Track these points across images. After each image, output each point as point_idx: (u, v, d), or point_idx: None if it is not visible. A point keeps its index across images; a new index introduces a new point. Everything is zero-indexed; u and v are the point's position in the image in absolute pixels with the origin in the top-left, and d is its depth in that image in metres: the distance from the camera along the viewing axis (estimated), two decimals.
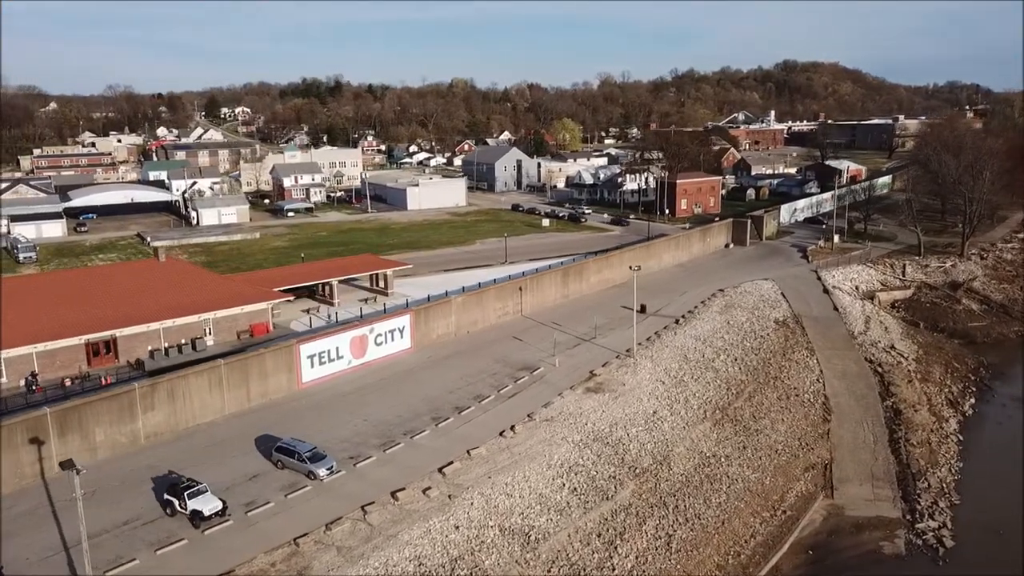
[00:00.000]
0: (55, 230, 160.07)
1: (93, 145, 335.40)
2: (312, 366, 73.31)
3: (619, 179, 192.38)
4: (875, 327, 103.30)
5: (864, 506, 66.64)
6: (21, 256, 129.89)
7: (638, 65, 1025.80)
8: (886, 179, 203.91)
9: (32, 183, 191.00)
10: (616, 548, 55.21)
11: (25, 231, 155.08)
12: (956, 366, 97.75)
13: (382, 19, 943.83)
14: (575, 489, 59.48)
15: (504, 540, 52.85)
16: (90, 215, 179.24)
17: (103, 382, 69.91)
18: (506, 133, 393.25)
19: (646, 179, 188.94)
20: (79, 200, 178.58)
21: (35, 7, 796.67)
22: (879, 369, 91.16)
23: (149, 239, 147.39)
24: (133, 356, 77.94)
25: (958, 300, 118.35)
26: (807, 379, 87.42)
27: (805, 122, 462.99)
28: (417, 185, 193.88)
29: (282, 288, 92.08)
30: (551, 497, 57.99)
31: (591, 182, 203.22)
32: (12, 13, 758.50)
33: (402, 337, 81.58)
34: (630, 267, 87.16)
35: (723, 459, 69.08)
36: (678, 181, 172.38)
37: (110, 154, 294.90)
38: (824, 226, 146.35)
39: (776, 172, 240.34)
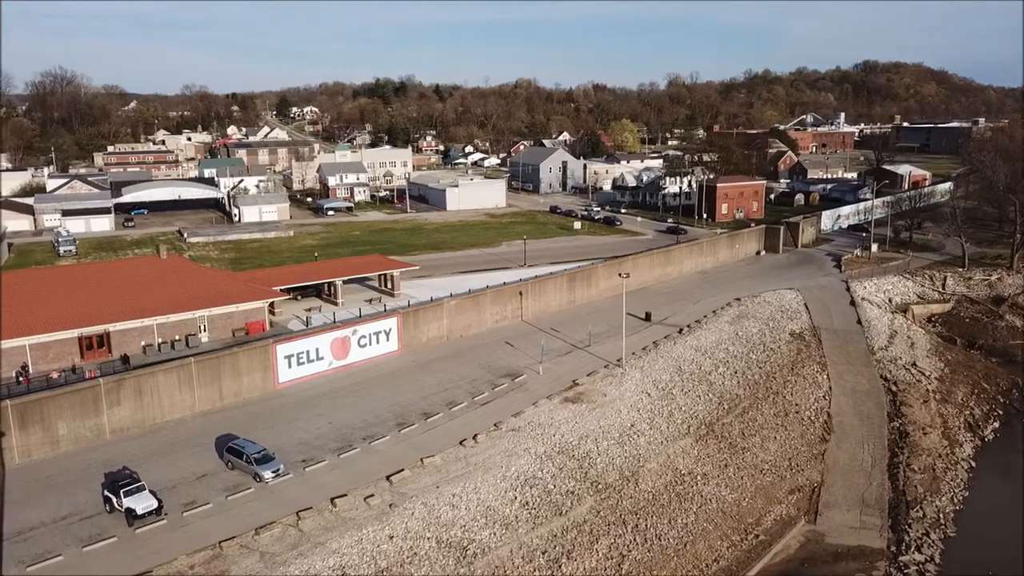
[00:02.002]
0: (103, 225, 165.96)
1: (163, 143, 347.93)
2: (290, 366, 73.38)
3: (660, 182, 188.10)
4: (900, 342, 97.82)
5: (847, 534, 62.67)
6: (61, 250, 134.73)
7: (712, 66, 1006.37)
8: (947, 185, 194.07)
9: (90, 179, 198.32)
10: (560, 567, 53.22)
11: (75, 226, 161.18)
12: (985, 386, 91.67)
13: (459, 20, 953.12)
14: (527, 503, 57.66)
15: (439, 553, 51.52)
16: (142, 211, 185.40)
17: (87, 376, 71.35)
18: (565, 134, 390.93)
19: (689, 182, 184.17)
20: (129, 196, 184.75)
21: (131, 8, 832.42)
22: (893, 388, 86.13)
23: (186, 235, 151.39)
24: (127, 351, 79.50)
25: (1001, 316, 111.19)
26: (812, 395, 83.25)
27: (879, 125, 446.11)
28: (456, 186, 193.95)
29: (283, 287, 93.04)
30: (499, 510, 56.32)
31: (634, 184, 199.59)
32: (104, 15, 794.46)
33: (388, 340, 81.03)
34: (619, 274, 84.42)
35: (699, 477, 66.15)
36: (718, 185, 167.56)
37: (172, 151, 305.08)
38: (864, 235, 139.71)
39: (833, 177, 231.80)
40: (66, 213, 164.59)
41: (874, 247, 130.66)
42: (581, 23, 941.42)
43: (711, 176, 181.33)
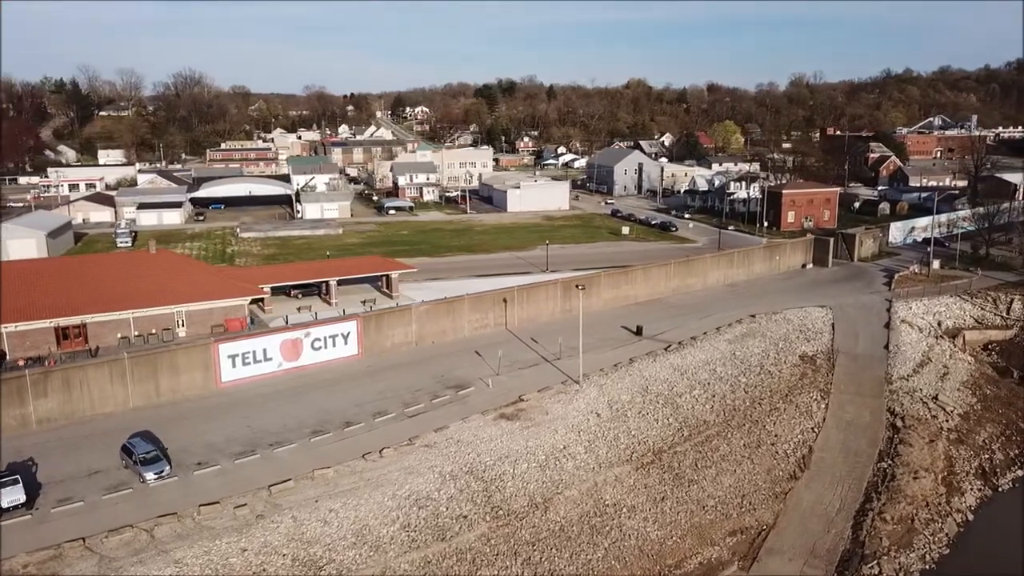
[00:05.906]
0: (174, 218, 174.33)
1: (272, 140, 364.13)
2: (234, 366, 73.20)
3: (727, 187, 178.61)
4: (929, 372, 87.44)
5: None
6: (119, 241, 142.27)
7: (846, 65, 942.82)
8: None
9: (175, 174, 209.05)
10: None
11: (148, 218, 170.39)
12: (1022, 427, 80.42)
13: (585, 20, 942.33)
14: (408, 525, 54.52)
15: (290, 571, 49.33)
16: (219, 205, 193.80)
17: (47, 364, 73.93)
18: (668, 135, 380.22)
19: (760, 188, 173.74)
20: (204, 191, 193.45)
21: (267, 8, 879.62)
22: (899, 423, 76.75)
23: (239, 230, 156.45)
24: (103, 342, 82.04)
25: None
26: (798, 427, 75.48)
27: (1021, 128, 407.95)
28: (518, 187, 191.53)
29: (276, 286, 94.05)
30: (375, 530, 53.52)
31: (705, 189, 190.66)
32: (246, 17, 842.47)
33: (346, 343, 79.62)
34: (576, 285, 79.29)
35: (625, 510, 60.88)
36: (784, 191, 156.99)
37: (272, 148, 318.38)
38: (929, 249, 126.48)
39: (939, 185, 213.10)
40: (141, 206, 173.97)
41: (935, 263, 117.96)
42: (711, 23, 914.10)
43: (784, 180, 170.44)
